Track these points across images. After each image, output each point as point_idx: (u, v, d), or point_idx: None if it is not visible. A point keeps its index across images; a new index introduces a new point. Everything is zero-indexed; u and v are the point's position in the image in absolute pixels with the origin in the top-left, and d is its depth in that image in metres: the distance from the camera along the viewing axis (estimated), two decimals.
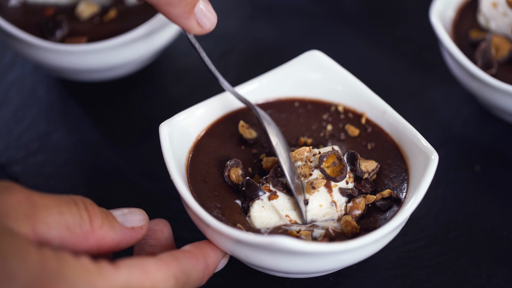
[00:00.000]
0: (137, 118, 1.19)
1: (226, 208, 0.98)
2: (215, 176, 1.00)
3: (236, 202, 0.99)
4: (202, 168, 1.00)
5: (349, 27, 1.31)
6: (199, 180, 0.99)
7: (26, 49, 1.15)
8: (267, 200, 0.98)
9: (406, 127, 1.01)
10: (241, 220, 0.97)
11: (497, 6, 1.15)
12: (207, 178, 1.00)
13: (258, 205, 0.98)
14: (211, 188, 0.99)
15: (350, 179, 1.00)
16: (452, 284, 1.02)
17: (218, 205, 0.98)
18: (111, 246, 0.87)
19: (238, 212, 0.98)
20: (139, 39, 1.14)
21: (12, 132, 1.18)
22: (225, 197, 0.99)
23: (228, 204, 0.98)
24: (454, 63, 1.14)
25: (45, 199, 0.83)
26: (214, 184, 0.99)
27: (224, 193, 0.99)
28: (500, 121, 1.18)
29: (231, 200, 0.99)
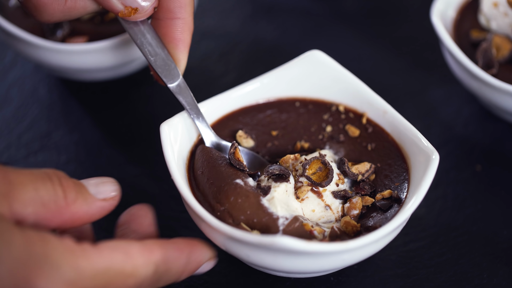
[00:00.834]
0: (138, 117, 1.19)
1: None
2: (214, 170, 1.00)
3: (237, 182, 0.97)
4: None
5: (349, 27, 1.31)
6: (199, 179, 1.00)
7: (27, 48, 1.15)
8: (292, 187, 0.98)
9: (407, 127, 1.01)
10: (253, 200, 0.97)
11: (498, 6, 1.15)
12: (200, 170, 0.99)
13: (283, 188, 0.97)
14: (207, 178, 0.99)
15: (340, 181, 1.00)
16: (453, 283, 1.02)
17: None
18: (84, 219, 0.87)
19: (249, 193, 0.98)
20: None
21: (13, 131, 1.18)
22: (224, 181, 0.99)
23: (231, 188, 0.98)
24: (455, 63, 1.14)
25: (20, 176, 0.82)
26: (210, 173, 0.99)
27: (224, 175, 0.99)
28: (501, 121, 1.18)
29: (232, 180, 0.98)
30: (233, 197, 0.95)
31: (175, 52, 1.00)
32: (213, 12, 1.33)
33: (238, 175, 0.97)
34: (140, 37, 0.99)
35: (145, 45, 0.99)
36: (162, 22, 1.00)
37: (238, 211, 0.95)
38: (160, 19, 1.00)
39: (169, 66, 0.99)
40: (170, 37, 1.00)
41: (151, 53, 0.99)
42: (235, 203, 0.95)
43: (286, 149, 1.04)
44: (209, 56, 1.26)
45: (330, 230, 0.96)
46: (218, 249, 1.04)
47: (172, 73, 0.99)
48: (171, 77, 0.99)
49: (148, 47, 0.99)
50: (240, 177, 0.97)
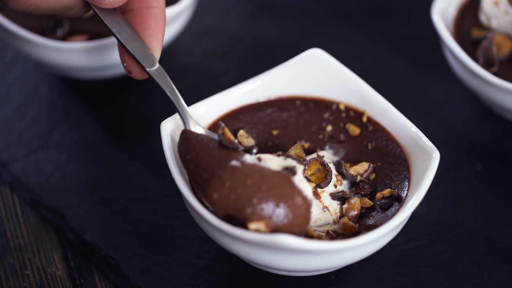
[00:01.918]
0: (138, 116, 1.19)
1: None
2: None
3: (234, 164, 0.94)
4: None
5: (350, 26, 1.31)
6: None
7: (28, 47, 1.15)
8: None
9: (408, 126, 1.01)
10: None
11: (498, 4, 1.15)
12: (189, 155, 0.96)
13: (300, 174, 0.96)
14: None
15: (338, 182, 1.00)
16: (453, 282, 1.02)
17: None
18: None
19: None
20: None
21: (13, 130, 1.18)
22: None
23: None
24: (456, 61, 1.14)
25: None
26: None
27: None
28: (502, 119, 1.18)
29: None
30: (229, 181, 0.92)
31: (150, 40, 0.99)
32: (214, 10, 1.33)
33: (233, 156, 0.95)
34: (116, 26, 0.99)
35: (121, 33, 0.98)
36: (137, 11, 0.99)
37: (251, 192, 0.92)
38: (134, 9, 0.99)
39: (146, 52, 0.98)
40: (145, 26, 0.99)
41: (128, 40, 0.98)
42: (243, 185, 0.92)
43: (286, 149, 1.04)
44: (209, 54, 1.26)
45: (325, 235, 0.96)
46: (219, 248, 1.04)
47: (151, 59, 0.98)
48: (149, 62, 0.99)
49: (124, 34, 0.98)
50: (236, 158, 0.94)
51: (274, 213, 0.91)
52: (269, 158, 0.96)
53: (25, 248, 1.07)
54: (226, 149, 0.96)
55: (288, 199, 0.92)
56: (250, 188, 0.92)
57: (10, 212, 1.11)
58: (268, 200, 0.91)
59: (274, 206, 0.91)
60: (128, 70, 0.99)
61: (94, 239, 1.06)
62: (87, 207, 1.09)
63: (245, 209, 0.91)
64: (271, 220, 0.91)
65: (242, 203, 0.91)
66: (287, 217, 0.91)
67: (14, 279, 1.04)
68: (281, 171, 0.93)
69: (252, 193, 0.91)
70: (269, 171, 0.93)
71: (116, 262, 1.04)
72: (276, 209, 0.91)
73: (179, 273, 1.03)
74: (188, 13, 1.21)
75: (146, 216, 1.08)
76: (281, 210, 0.91)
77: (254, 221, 0.90)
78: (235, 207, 0.91)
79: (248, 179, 0.92)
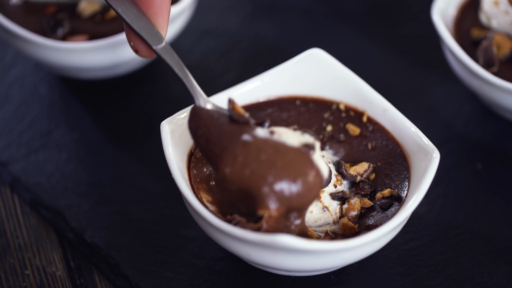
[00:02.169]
0: (139, 116, 1.19)
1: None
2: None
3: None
4: (204, 166, 1.00)
5: (350, 25, 1.31)
6: (200, 177, 0.99)
7: (28, 47, 1.15)
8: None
9: (408, 125, 1.01)
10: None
11: (498, 4, 1.15)
12: (200, 131, 0.94)
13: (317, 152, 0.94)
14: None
15: (338, 183, 1.00)
16: (454, 282, 1.02)
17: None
18: None
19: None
20: None
21: (13, 130, 1.18)
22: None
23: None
24: (456, 61, 1.14)
25: None
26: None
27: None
28: (502, 119, 1.18)
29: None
30: (242, 156, 0.90)
31: (156, 18, 0.98)
32: (214, 10, 1.33)
33: (244, 130, 0.93)
34: (120, 5, 0.98)
35: (126, 13, 0.97)
36: None
37: (265, 167, 0.90)
38: None
39: (152, 30, 0.97)
40: (150, 4, 0.97)
41: (133, 19, 0.97)
42: (257, 160, 0.90)
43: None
44: (209, 54, 1.26)
45: (324, 235, 0.96)
46: (219, 248, 1.04)
47: (157, 37, 0.97)
48: (156, 40, 0.98)
49: (129, 14, 0.97)
50: (247, 132, 0.92)
51: (290, 192, 0.89)
52: (284, 132, 0.93)
53: (25, 248, 1.07)
54: (237, 124, 0.94)
55: (306, 177, 0.90)
56: (264, 164, 0.90)
57: (10, 212, 1.11)
58: (284, 178, 0.90)
59: (291, 184, 0.89)
60: (135, 49, 0.98)
61: (94, 239, 1.06)
62: (87, 207, 1.09)
63: (261, 187, 0.89)
64: (286, 200, 0.89)
65: (256, 180, 0.89)
66: (303, 197, 0.90)
67: (14, 279, 1.04)
68: (300, 148, 0.91)
69: (267, 169, 0.90)
70: (284, 146, 0.91)
71: (116, 262, 1.04)
72: (292, 188, 0.89)
73: (179, 273, 1.03)
74: (188, 13, 1.21)
75: (146, 216, 1.08)
76: (298, 188, 0.89)
77: (266, 208, 0.89)
78: (249, 183, 0.90)
79: (261, 154, 0.90)
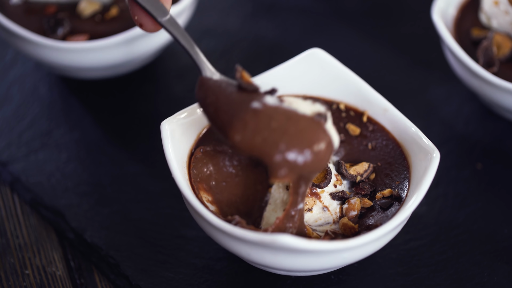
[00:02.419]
0: (139, 116, 1.19)
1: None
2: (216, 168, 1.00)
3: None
4: (204, 166, 1.00)
5: (350, 25, 1.31)
6: (201, 177, 0.99)
7: (28, 47, 1.15)
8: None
9: (408, 125, 1.01)
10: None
11: (498, 4, 1.15)
12: (208, 99, 0.93)
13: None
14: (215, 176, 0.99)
15: (338, 182, 1.00)
16: (454, 282, 1.02)
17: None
18: None
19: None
20: (141, 37, 1.14)
21: (13, 130, 1.18)
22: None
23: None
24: (456, 61, 1.14)
25: None
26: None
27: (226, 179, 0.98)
28: (502, 119, 1.18)
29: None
30: (252, 124, 0.88)
31: None
32: (213, 10, 1.33)
33: (253, 98, 0.91)
34: None
35: None
36: None
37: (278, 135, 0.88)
38: None
39: (157, 3, 0.96)
40: None
41: None
42: (268, 128, 0.88)
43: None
44: (209, 54, 1.26)
45: (324, 235, 0.96)
46: (219, 247, 1.04)
47: (162, 9, 0.96)
48: (161, 13, 0.97)
49: None
50: (256, 100, 0.91)
51: (302, 161, 0.88)
52: (294, 100, 0.92)
53: (25, 247, 1.07)
54: (246, 92, 0.92)
55: (319, 146, 0.89)
56: (276, 132, 0.89)
57: (10, 212, 1.11)
58: (297, 146, 0.89)
59: (303, 152, 0.88)
60: (140, 23, 0.97)
61: (94, 239, 1.06)
62: (87, 207, 1.09)
63: (272, 156, 0.88)
64: (297, 169, 0.88)
65: (268, 148, 0.88)
66: (314, 165, 0.89)
67: (14, 279, 1.04)
68: (314, 116, 0.90)
69: (278, 137, 0.89)
70: (296, 114, 0.90)
71: (116, 262, 1.04)
72: (305, 156, 0.88)
73: (179, 273, 1.03)
74: (188, 13, 1.21)
75: (146, 216, 1.08)
76: (310, 157, 0.88)
77: (279, 176, 0.88)
78: (260, 151, 0.89)
79: (272, 122, 0.89)
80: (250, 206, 1.00)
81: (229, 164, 1.02)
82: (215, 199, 0.99)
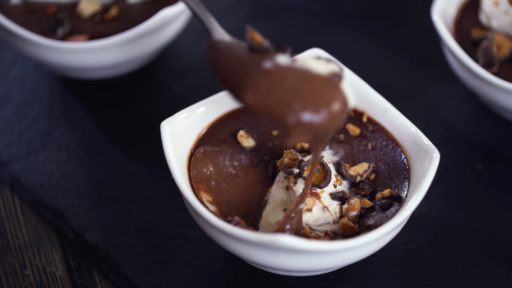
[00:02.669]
0: (139, 116, 1.19)
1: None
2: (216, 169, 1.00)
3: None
4: (203, 166, 1.01)
5: (350, 25, 1.31)
6: (201, 178, 0.99)
7: (28, 47, 1.15)
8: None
9: (407, 126, 1.01)
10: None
11: (498, 4, 1.15)
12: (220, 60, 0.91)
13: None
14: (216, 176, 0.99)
15: (338, 183, 1.00)
16: (453, 282, 1.02)
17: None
18: None
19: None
20: (141, 37, 1.14)
21: (13, 130, 1.18)
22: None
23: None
24: (456, 61, 1.14)
25: None
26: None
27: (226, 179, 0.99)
28: (502, 119, 1.18)
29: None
30: (265, 84, 0.86)
31: None
32: (213, 10, 1.33)
33: (265, 58, 0.89)
34: None
35: None
36: None
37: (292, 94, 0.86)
38: None
39: None
40: None
41: None
42: (280, 88, 0.86)
43: (286, 149, 1.04)
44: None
45: (324, 235, 0.96)
46: (219, 248, 1.04)
47: None
48: None
49: None
50: (268, 59, 0.88)
51: (317, 121, 0.86)
52: (308, 60, 0.90)
53: (25, 248, 1.07)
54: (257, 53, 0.90)
55: (335, 106, 0.86)
56: (289, 91, 0.86)
57: (10, 212, 1.11)
58: (311, 106, 0.86)
59: (318, 113, 0.86)
60: None
61: (94, 239, 1.06)
62: (87, 207, 1.09)
63: (286, 115, 0.86)
64: (312, 129, 0.86)
65: (282, 107, 0.85)
66: (329, 126, 0.86)
67: (14, 279, 1.04)
68: (329, 76, 0.88)
69: (292, 96, 0.86)
70: (309, 74, 0.87)
71: (116, 262, 1.04)
72: (319, 117, 0.86)
73: (179, 273, 1.03)
74: (188, 13, 1.21)
75: (146, 216, 1.08)
76: (325, 118, 0.86)
77: (294, 137, 0.86)
78: (274, 111, 0.86)
79: (285, 81, 0.86)
80: (250, 207, 1.00)
81: (229, 165, 1.02)
82: (215, 200, 0.99)
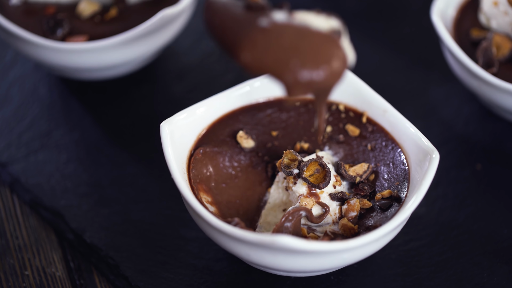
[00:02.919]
0: (138, 116, 1.19)
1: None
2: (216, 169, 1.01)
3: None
4: (203, 166, 1.01)
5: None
6: (200, 178, 1.00)
7: (27, 47, 1.15)
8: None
9: (407, 126, 1.01)
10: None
11: (498, 4, 1.15)
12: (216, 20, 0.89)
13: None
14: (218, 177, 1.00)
15: (337, 183, 1.00)
16: (453, 282, 1.02)
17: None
18: None
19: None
20: (140, 37, 1.14)
21: (13, 130, 1.18)
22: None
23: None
24: (455, 62, 1.14)
25: None
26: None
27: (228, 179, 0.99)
28: (501, 119, 1.18)
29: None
30: (261, 42, 0.84)
31: None
32: None
33: (261, 16, 0.86)
34: None
35: None
36: None
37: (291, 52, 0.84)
38: None
39: None
40: None
41: None
42: (277, 45, 0.84)
43: (286, 149, 1.04)
44: (209, 55, 1.26)
45: (323, 235, 0.96)
46: (219, 248, 1.04)
47: None
48: None
49: None
50: (264, 17, 0.86)
51: (316, 79, 0.84)
52: (307, 16, 0.87)
53: (25, 248, 1.07)
54: (254, 11, 0.88)
55: (334, 64, 0.84)
56: (287, 49, 0.84)
57: (10, 212, 1.11)
58: (309, 62, 0.84)
59: (317, 70, 0.84)
60: None
61: (94, 239, 1.06)
62: (87, 208, 1.09)
63: (284, 73, 0.84)
64: (311, 87, 0.84)
65: (280, 66, 0.84)
66: (327, 83, 0.84)
67: (14, 280, 1.04)
68: (329, 33, 0.86)
69: (290, 54, 0.83)
70: (309, 30, 0.85)
71: (116, 263, 1.04)
72: (318, 74, 0.84)
73: (178, 274, 1.03)
74: (188, 13, 1.21)
75: (146, 216, 1.08)
76: (324, 75, 0.84)
77: (294, 94, 0.84)
78: (272, 70, 0.84)
79: (283, 39, 0.84)
80: (249, 207, 1.01)
81: (228, 165, 1.02)
82: (214, 200, 0.99)
